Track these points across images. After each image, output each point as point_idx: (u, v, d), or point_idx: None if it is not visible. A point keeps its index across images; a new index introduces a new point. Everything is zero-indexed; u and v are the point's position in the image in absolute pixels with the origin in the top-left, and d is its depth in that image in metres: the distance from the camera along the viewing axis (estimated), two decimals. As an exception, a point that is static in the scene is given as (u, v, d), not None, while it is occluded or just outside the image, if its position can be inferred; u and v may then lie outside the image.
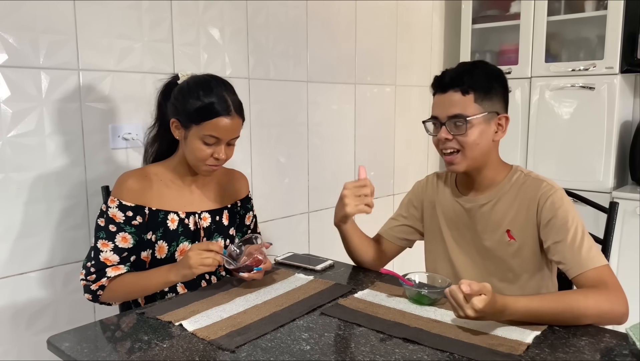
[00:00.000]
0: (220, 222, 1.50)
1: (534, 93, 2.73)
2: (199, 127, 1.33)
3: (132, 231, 1.36)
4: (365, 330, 1.10)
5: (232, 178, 1.58)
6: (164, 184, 1.42)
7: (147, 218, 1.38)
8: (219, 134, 1.33)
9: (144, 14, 1.75)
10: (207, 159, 1.36)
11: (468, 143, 1.30)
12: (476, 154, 1.32)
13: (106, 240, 1.34)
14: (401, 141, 2.89)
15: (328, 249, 2.39)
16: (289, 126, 2.29)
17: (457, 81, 1.30)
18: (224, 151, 1.36)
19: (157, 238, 1.40)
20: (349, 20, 2.50)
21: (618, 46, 2.47)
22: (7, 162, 1.50)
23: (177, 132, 1.39)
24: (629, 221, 2.44)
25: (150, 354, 1.01)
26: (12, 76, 1.49)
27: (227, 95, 1.35)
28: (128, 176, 1.39)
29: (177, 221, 1.41)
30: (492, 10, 2.95)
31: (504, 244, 1.35)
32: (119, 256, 1.34)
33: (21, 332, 1.57)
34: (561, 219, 1.26)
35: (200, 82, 1.37)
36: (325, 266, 1.53)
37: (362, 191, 1.36)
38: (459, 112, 1.30)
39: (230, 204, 1.54)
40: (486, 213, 1.37)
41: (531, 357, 0.97)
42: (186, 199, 1.45)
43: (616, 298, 1.16)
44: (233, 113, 1.34)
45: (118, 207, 1.35)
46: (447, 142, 1.32)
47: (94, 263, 1.33)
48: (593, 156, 2.57)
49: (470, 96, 1.29)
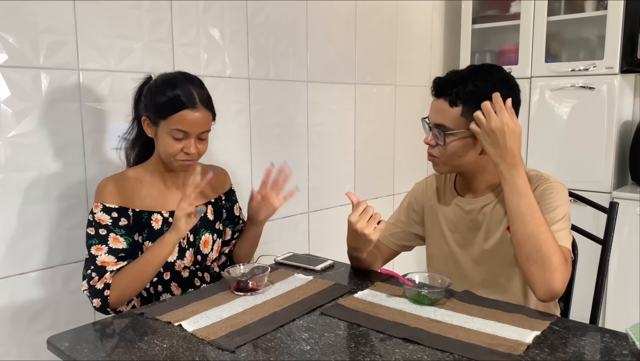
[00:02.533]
0: (205, 217, 1.50)
1: (534, 93, 2.73)
2: (166, 122, 1.33)
3: (122, 233, 1.35)
4: (365, 330, 1.10)
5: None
6: (144, 186, 1.42)
7: (131, 220, 1.37)
8: (185, 128, 1.32)
9: (144, 14, 1.75)
10: (178, 154, 1.35)
11: (446, 154, 1.31)
12: (458, 164, 1.33)
13: (99, 244, 1.32)
14: (401, 141, 2.89)
15: (328, 249, 2.40)
16: (289, 126, 2.29)
17: (447, 90, 1.28)
18: (194, 145, 1.35)
19: (144, 239, 1.40)
20: (349, 20, 2.50)
21: (618, 46, 2.47)
22: (7, 162, 1.50)
23: (149, 130, 1.39)
24: (629, 221, 2.44)
25: (150, 354, 1.01)
26: (12, 76, 1.49)
27: (193, 88, 1.35)
28: (107, 181, 1.38)
29: (161, 221, 1.41)
30: (492, 10, 2.95)
31: (506, 242, 1.35)
32: (115, 256, 1.33)
33: (21, 332, 1.57)
34: (549, 202, 1.28)
35: (167, 79, 1.37)
36: (325, 266, 1.53)
37: (368, 213, 1.32)
38: (440, 122, 1.30)
39: (213, 198, 1.54)
40: (487, 214, 1.37)
41: (531, 357, 0.97)
42: (168, 199, 1.44)
43: (565, 271, 1.17)
44: (199, 106, 1.33)
45: (103, 210, 1.34)
46: (430, 148, 1.36)
47: (92, 268, 1.32)
48: (593, 156, 2.57)
49: (457, 108, 1.28)
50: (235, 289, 1.31)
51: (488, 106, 1.23)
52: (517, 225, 1.22)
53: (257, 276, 1.32)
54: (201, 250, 1.48)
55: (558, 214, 1.26)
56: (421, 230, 1.53)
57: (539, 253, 1.18)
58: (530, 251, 1.19)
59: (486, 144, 1.25)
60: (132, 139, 1.49)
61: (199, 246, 1.47)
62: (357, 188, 2.65)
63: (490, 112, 1.23)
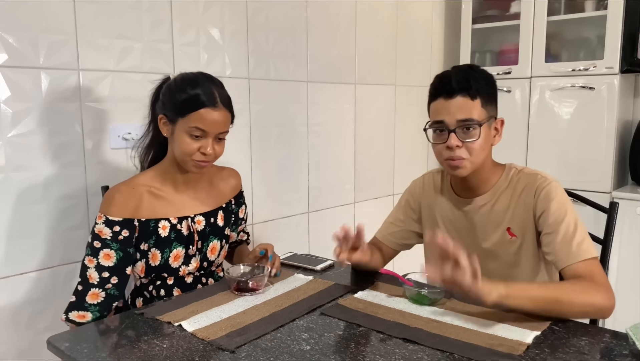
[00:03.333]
0: (215, 224, 1.48)
1: (534, 93, 2.73)
2: (184, 120, 1.31)
3: (116, 248, 1.32)
4: (365, 330, 1.10)
5: (225, 176, 1.56)
6: (153, 193, 1.39)
7: (137, 231, 1.36)
8: (204, 127, 1.31)
9: (144, 14, 1.75)
10: (194, 154, 1.33)
11: (476, 149, 1.28)
12: (480, 159, 1.31)
13: (91, 256, 1.32)
14: (401, 141, 2.89)
15: (328, 249, 2.39)
16: (289, 126, 2.29)
17: (466, 85, 1.28)
18: (211, 146, 1.34)
19: (150, 246, 1.38)
20: (349, 20, 2.50)
21: (618, 46, 2.47)
22: (7, 163, 1.50)
23: (165, 129, 1.37)
24: (629, 221, 2.44)
25: (150, 354, 1.01)
26: (12, 76, 1.49)
27: (214, 88, 1.34)
28: (115, 191, 1.36)
29: (168, 228, 1.39)
30: (492, 10, 2.95)
31: (505, 243, 1.35)
32: (98, 274, 1.31)
33: (21, 332, 1.57)
34: (555, 211, 1.27)
35: (187, 77, 1.36)
36: (325, 266, 1.53)
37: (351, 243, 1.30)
38: (470, 117, 1.27)
39: (224, 203, 1.52)
40: (485, 214, 1.37)
41: (531, 357, 0.97)
42: (178, 205, 1.42)
43: (605, 291, 1.16)
44: (219, 105, 1.32)
45: (105, 223, 1.32)
46: (456, 150, 1.28)
47: (80, 280, 1.32)
48: (593, 156, 2.57)
49: (477, 100, 1.28)
50: (235, 289, 1.31)
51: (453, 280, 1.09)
52: (555, 313, 1.14)
53: (257, 276, 1.32)
54: (208, 257, 1.47)
55: (570, 223, 1.24)
56: (419, 228, 1.53)
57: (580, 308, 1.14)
58: (578, 308, 1.14)
59: None
60: (148, 143, 1.46)
61: (206, 253, 1.46)
62: (357, 188, 2.65)
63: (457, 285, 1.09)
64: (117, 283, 1.33)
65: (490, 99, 1.32)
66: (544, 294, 1.14)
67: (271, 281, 1.39)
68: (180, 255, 1.40)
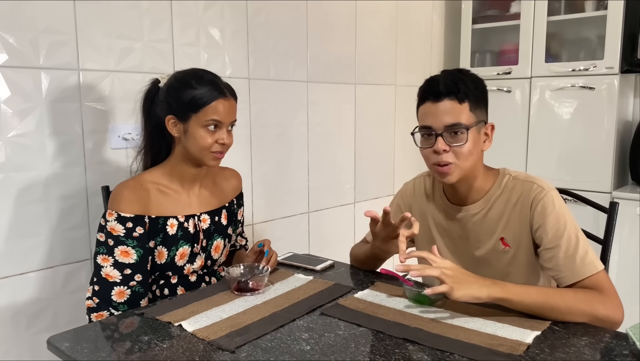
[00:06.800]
0: (220, 222, 1.49)
1: (534, 93, 2.73)
2: (198, 115, 1.33)
3: (134, 244, 1.31)
4: (365, 330, 1.10)
5: (227, 176, 1.58)
6: (161, 191, 1.40)
7: (147, 227, 1.35)
8: (220, 117, 1.34)
9: (144, 14, 1.75)
10: (212, 146, 1.36)
11: (463, 154, 1.26)
12: (469, 165, 1.28)
13: (106, 255, 1.30)
14: (401, 141, 2.89)
15: (328, 249, 2.40)
16: (289, 126, 2.29)
17: (453, 88, 1.26)
18: (227, 135, 1.37)
19: (157, 244, 1.38)
20: (349, 20, 2.50)
21: (618, 46, 2.47)
22: (7, 162, 1.50)
23: (175, 129, 1.37)
24: (629, 221, 2.44)
25: (150, 354, 1.01)
26: (12, 76, 1.49)
27: (217, 79, 1.38)
28: (123, 187, 1.35)
29: (176, 226, 1.39)
30: (492, 10, 2.95)
31: (498, 253, 1.33)
32: (120, 272, 1.30)
33: (21, 332, 1.57)
34: (554, 225, 1.23)
35: (188, 74, 1.38)
36: (325, 266, 1.53)
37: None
38: (457, 121, 1.25)
39: (227, 202, 1.54)
40: (478, 222, 1.35)
41: (531, 357, 0.97)
42: (184, 203, 1.43)
43: (609, 302, 1.14)
44: (228, 95, 1.37)
45: (117, 219, 1.31)
46: (443, 154, 1.26)
47: (96, 280, 1.30)
48: (593, 156, 2.57)
49: (465, 104, 1.26)
50: (235, 289, 1.31)
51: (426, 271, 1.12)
52: (553, 317, 1.13)
53: (257, 276, 1.32)
54: (212, 255, 1.48)
55: (571, 236, 1.21)
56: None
57: (585, 315, 1.12)
58: (578, 317, 1.12)
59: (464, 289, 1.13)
60: (145, 146, 1.46)
61: (210, 251, 1.47)
62: (357, 187, 2.65)
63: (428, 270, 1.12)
64: (141, 280, 1.33)
65: (480, 104, 1.29)
66: (541, 300, 1.12)
67: (271, 281, 1.39)
68: (186, 253, 1.41)
